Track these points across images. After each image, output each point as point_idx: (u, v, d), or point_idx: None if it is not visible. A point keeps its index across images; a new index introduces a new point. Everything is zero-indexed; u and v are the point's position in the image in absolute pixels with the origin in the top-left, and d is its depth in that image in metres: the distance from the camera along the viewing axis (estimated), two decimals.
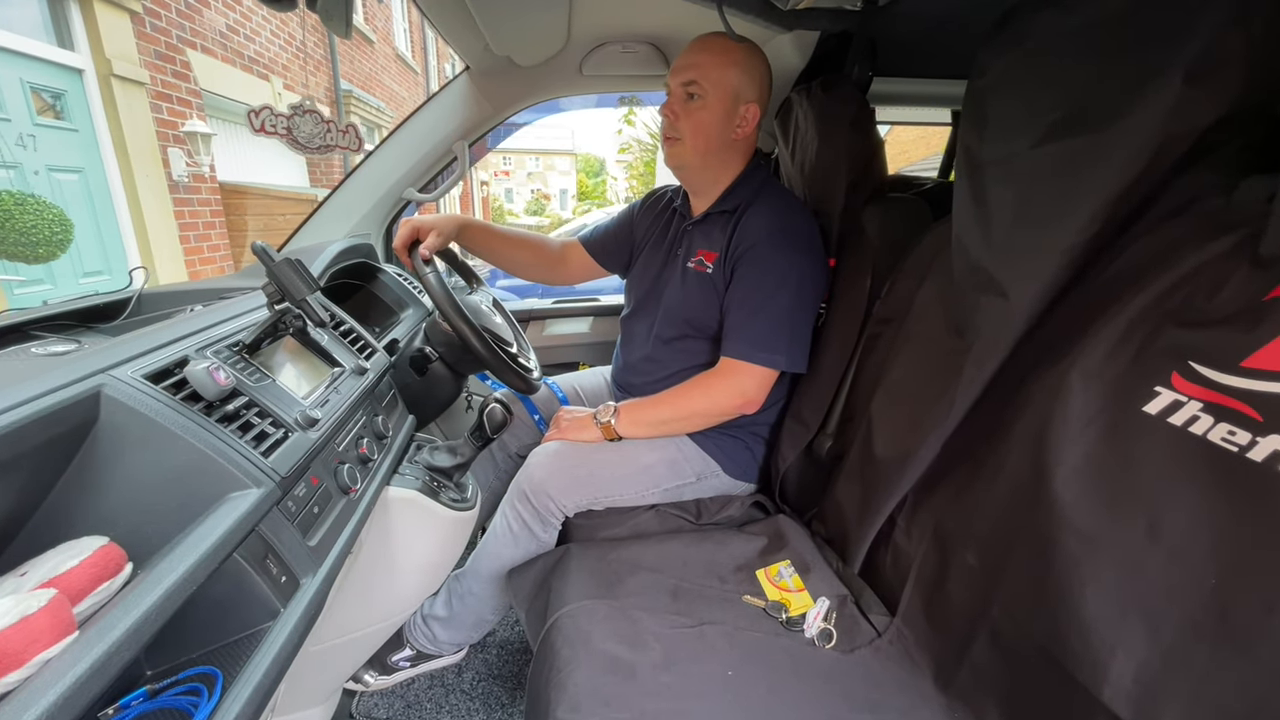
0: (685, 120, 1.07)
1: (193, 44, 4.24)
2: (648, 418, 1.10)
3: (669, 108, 1.09)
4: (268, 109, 1.03)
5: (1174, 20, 0.56)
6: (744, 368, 1.04)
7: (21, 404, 0.43)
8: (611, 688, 0.71)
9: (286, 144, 1.05)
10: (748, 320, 1.05)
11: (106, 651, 0.36)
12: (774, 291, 1.03)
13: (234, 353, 0.67)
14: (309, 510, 0.64)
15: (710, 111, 1.06)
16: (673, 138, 1.10)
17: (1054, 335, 0.68)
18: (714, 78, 1.04)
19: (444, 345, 1.15)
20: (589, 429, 1.11)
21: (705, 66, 1.04)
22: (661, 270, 1.22)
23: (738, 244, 1.07)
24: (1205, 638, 0.51)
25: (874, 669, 0.80)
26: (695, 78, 1.04)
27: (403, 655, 1.18)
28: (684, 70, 1.06)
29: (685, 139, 1.08)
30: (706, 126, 1.07)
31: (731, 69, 1.04)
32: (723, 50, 1.05)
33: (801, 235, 1.07)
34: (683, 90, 1.06)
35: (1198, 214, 0.58)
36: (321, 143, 1.08)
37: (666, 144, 1.12)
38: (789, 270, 1.04)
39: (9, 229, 2.67)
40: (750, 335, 1.04)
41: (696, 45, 1.07)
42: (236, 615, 0.54)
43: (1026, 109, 0.70)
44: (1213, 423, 0.52)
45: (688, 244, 1.17)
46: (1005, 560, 0.69)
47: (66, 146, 3.44)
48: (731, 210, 1.11)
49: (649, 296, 1.24)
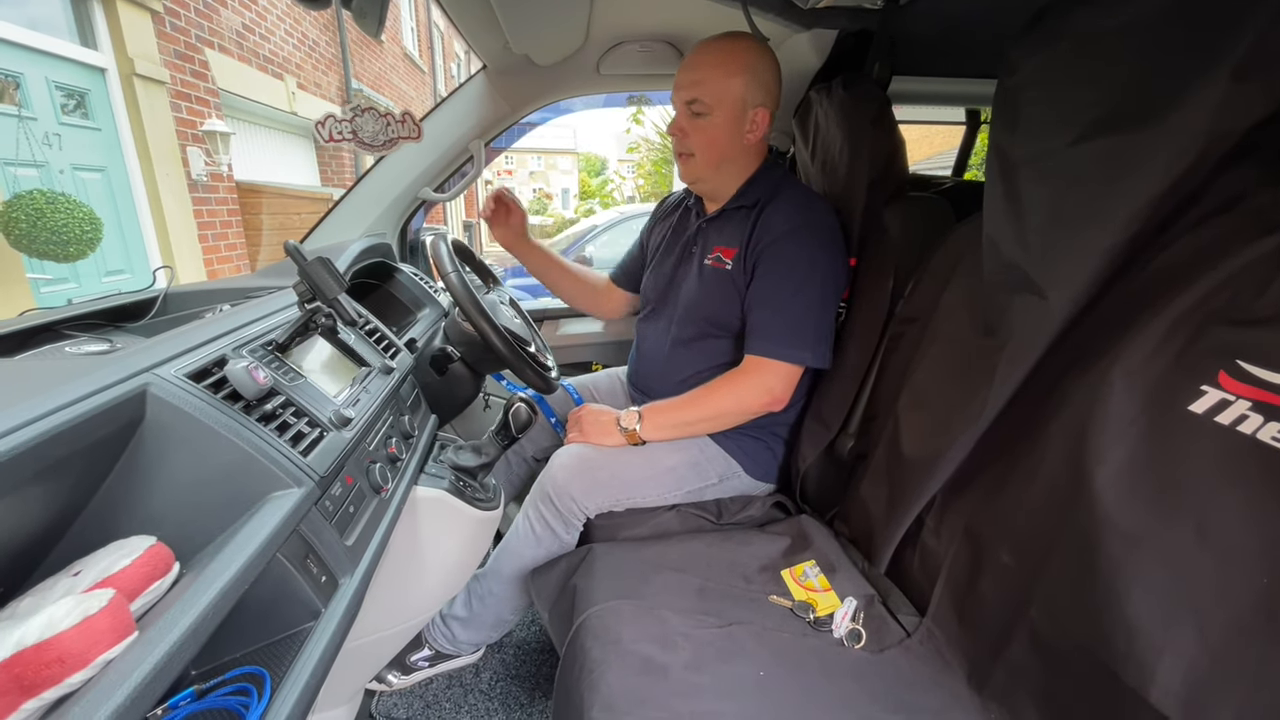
0: (694, 136, 1.07)
1: (210, 43, 4.26)
2: (673, 420, 1.09)
3: (677, 125, 1.08)
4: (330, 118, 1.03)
5: (1221, 18, 0.55)
6: (770, 365, 1.03)
7: (72, 403, 0.42)
8: (645, 688, 0.71)
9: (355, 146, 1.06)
10: (772, 317, 1.04)
11: (168, 652, 0.36)
12: (799, 288, 1.03)
13: (268, 352, 0.67)
14: (345, 510, 0.64)
15: (718, 124, 1.05)
16: (684, 154, 1.10)
17: (1092, 334, 0.67)
18: (717, 92, 1.03)
19: (464, 344, 1.15)
20: (611, 433, 1.10)
21: (706, 83, 1.03)
22: (677, 269, 1.21)
23: (759, 239, 1.06)
24: (1256, 639, 0.50)
25: (905, 669, 0.80)
26: (698, 95, 1.03)
27: (421, 655, 1.18)
28: (686, 89, 1.05)
29: (697, 154, 1.08)
30: (717, 139, 1.06)
31: (735, 78, 1.02)
32: (722, 61, 1.02)
33: (823, 229, 1.06)
34: (687, 108, 1.05)
35: (1243, 212, 0.57)
36: (385, 138, 1.08)
37: (679, 159, 1.12)
38: (812, 266, 1.03)
39: (40, 228, 2.69)
40: (775, 332, 1.03)
41: (694, 60, 1.04)
42: (278, 615, 0.54)
43: (1062, 107, 0.69)
44: (1262, 421, 0.52)
45: (704, 241, 1.16)
46: (1043, 560, 0.68)
47: (90, 145, 3.46)
48: (751, 205, 1.10)
49: (665, 297, 1.23)
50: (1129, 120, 0.62)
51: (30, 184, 2.92)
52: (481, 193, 6.94)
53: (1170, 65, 0.59)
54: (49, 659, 0.33)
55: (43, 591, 0.40)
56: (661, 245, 1.28)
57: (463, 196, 1.40)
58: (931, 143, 7.26)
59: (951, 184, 1.37)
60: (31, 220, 2.68)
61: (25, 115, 3.00)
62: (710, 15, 1.20)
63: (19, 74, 3.01)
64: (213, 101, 4.25)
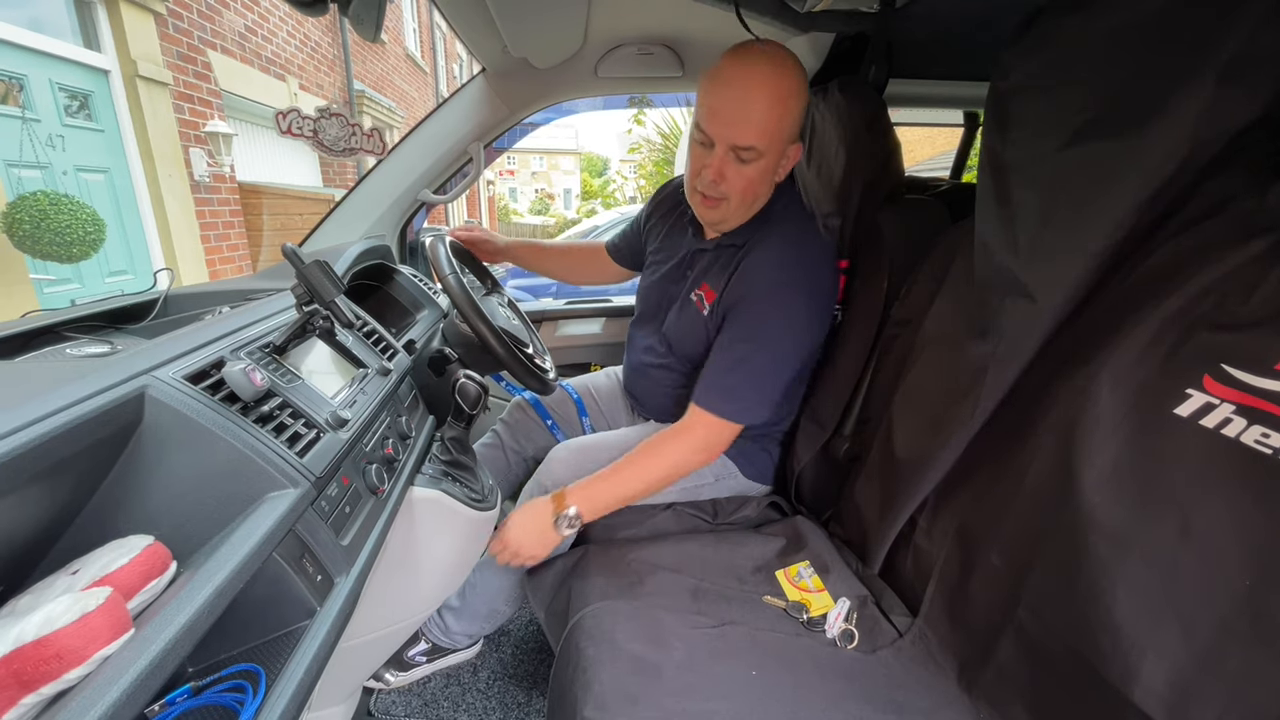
0: (735, 181, 0.94)
1: (213, 45, 4.29)
2: (614, 499, 1.00)
3: (715, 168, 0.93)
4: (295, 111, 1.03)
5: (1208, 21, 0.56)
6: (708, 419, 0.98)
7: (72, 405, 0.43)
8: (638, 687, 0.72)
9: (312, 146, 1.06)
10: (724, 372, 0.99)
11: (164, 649, 0.37)
12: (757, 348, 0.97)
13: (265, 354, 0.68)
14: (341, 510, 0.64)
15: (762, 168, 0.94)
16: (716, 198, 0.97)
17: (1081, 337, 0.68)
18: (770, 135, 0.91)
19: (462, 346, 1.16)
20: (550, 540, 0.97)
21: (765, 126, 0.89)
22: (668, 287, 1.16)
23: (734, 290, 1.00)
24: (1239, 640, 0.51)
25: (896, 669, 0.80)
26: (754, 144, 0.90)
27: (418, 650, 1.19)
28: (738, 131, 0.90)
29: (732, 199, 0.96)
30: (755, 183, 0.96)
31: (788, 116, 0.91)
32: (778, 97, 0.89)
33: (802, 286, 0.98)
34: (733, 153, 0.92)
35: (1230, 216, 0.58)
36: (346, 145, 1.08)
37: (706, 203, 0.99)
38: (778, 328, 0.97)
39: (44, 229, 2.72)
40: (723, 387, 0.98)
41: (752, 93, 0.88)
42: (275, 613, 0.54)
43: (1053, 111, 0.70)
44: (1246, 425, 0.53)
45: (695, 269, 1.11)
46: (1031, 560, 0.69)
47: (93, 147, 3.49)
48: (740, 245, 1.03)
49: (654, 312, 1.19)
50: (1117, 125, 0.63)
51: (34, 185, 2.94)
52: (483, 193, 6.94)
53: (1157, 70, 0.60)
54: (47, 655, 0.34)
55: (42, 589, 0.41)
56: (659, 249, 1.22)
57: (464, 197, 1.41)
58: (934, 143, 7.26)
59: (948, 186, 1.37)
60: (35, 221, 2.70)
61: (29, 117, 3.02)
62: (706, 18, 1.21)
63: (23, 76, 3.03)
64: (215, 103, 4.28)
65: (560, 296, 2.07)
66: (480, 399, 0.93)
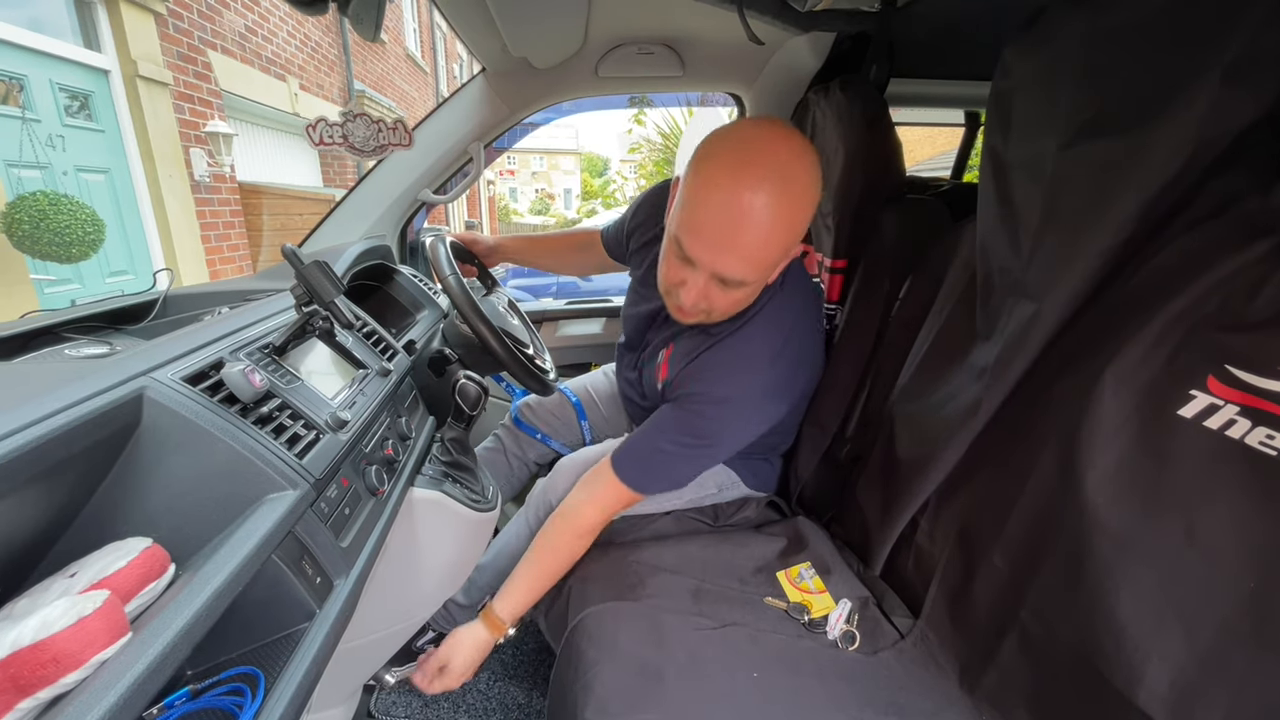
0: (718, 302, 0.82)
1: (213, 45, 4.29)
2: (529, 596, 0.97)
3: (695, 292, 0.79)
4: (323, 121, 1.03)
5: (1211, 20, 0.55)
6: (615, 482, 0.94)
7: (69, 407, 0.43)
8: (639, 689, 0.72)
9: (346, 151, 1.05)
10: (649, 448, 0.94)
11: (161, 653, 0.36)
12: (688, 446, 0.92)
13: (265, 355, 0.68)
14: (340, 511, 0.64)
15: (751, 290, 0.82)
16: (691, 313, 0.85)
17: (1084, 338, 0.68)
18: (770, 265, 0.78)
19: (462, 347, 1.15)
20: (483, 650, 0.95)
21: (759, 259, 0.75)
22: (646, 330, 1.11)
23: (686, 380, 0.93)
24: (1244, 642, 0.51)
25: (898, 671, 0.80)
26: (744, 277, 0.76)
27: (426, 639, 1.19)
28: (727, 264, 0.75)
29: (713, 314, 0.86)
30: (744, 301, 0.85)
31: (791, 236, 0.76)
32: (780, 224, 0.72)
33: (765, 384, 0.90)
34: (715, 279, 0.78)
35: (1234, 217, 0.57)
36: (376, 144, 1.08)
37: (679, 312, 0.86)
38: (716, 435, 0.92)
39: (44, 229, 2.72)
40: (641, 460, 0.94)
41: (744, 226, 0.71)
42: (274, 616, 0.54)
43: (1055, 110, 0.69)
44: (1250, 426, 0.52)
45: (668, 329, 1.04)
46: (1034, 562, 0.69)
47: (93, 147, 3.49)
48: (710, 333, 0.94)
49: (633, 346, 1.16)
50: (1120, 124, 0.63)
51: (34, 185, 2.94)
52: (483, 193, 6.93)
53: (1161, 69, 0.59)
54: (44, 659, 0.34)
55: (39, 593, 0.41)
56: (640, 280, 1.13)
57: (464, 197, 1.40)
58: (935, 143, 7.26)
59: (950, 186, 1.37)
60: (34, 221, 2.70)
61: (29, 117, 3.02)
62: (708, 18, 1.20)
63: (23, 76, 3.03)
64: (215, 103, 4.28)
65: (560, 296, 2.07)
66: (480, 400, 0.93)
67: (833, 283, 1.21)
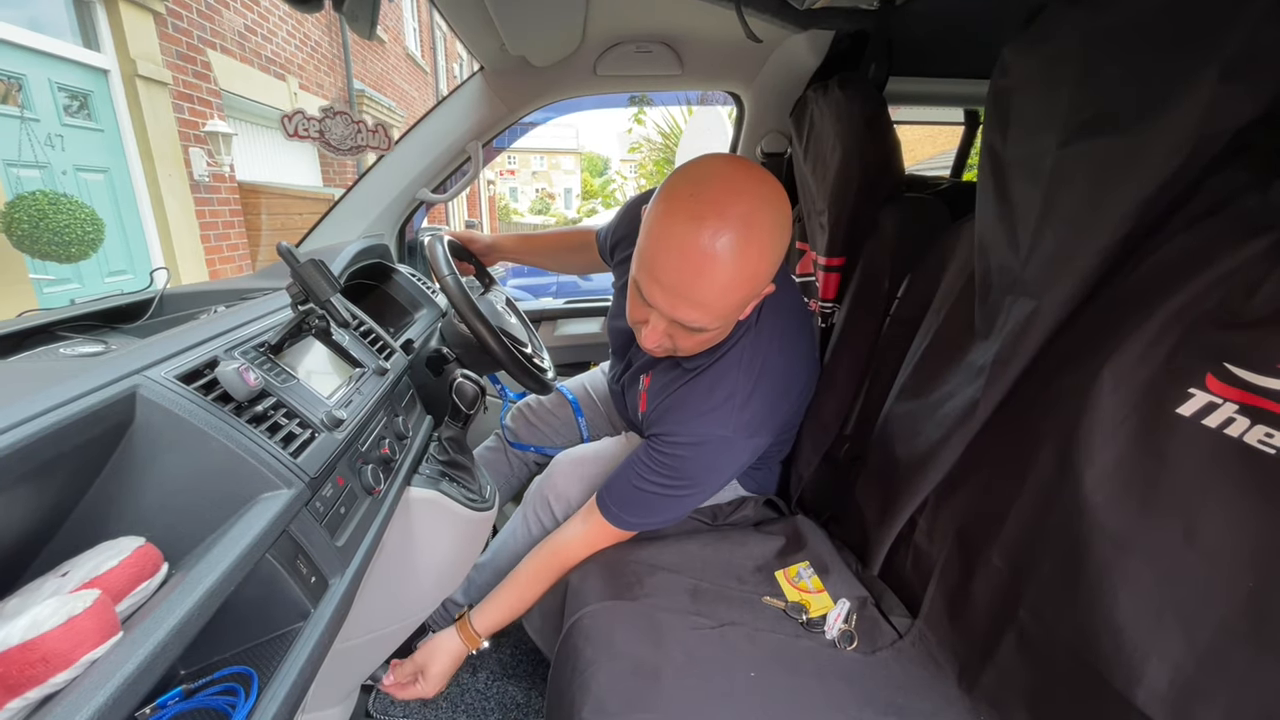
0: (683, 343, 0.80)
1: (213, 44, 4.29)
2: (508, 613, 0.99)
3: (657, 333, 0.77)
4: (300, 113, 1.02)
5: (1210, 17, 0.55)
6: (601, 521, 0.96)
7: (61, 405, 0.43)
8: (636, 689, 0.71)
9: (320, 146, 1.05)
10: (632, 488, 0.93)
11: (152, 652, 0.36)
12: (669, 487, 0.92)
13: (260, 353, 0.68)
14: (336, 511, 0.64)
15: (718, 331, 0.80)
16: (661, 351, 0.83)
17: (1082, 336, 0.67)
18: (731, 313, 0.75)
19: (460, 346, 1.15)
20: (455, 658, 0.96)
21: (720, 309, 0.72)
22: (629, 346, 1.11)
23: (657, 418, 0.93)
24: (1243, 642, 0.51)
25: (896, 671, 0.80)
26: (704, 324, 0.74)
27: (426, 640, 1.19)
28: (686, 314, 0.72)
29: (680, 352, 0.84)
30: (712, 340, 0.83)
31: (759, 284, 0.74)
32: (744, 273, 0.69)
33: (741, 422, 0.87)
34: (674, 323, 0.75)
35: (1233, 214, 0.57)
36: (353, 144, 1.07)
37: (647, 349, 0.83)
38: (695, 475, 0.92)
39: (43, 229, 2.71)
40: (626, 499, 0.94)
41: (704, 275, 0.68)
42: (268, 615, 0.54)
43: (1054, 108, 0.69)
44: (1249, 425, 0.52)
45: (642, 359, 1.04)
46: (1033, 562, 0.68)
47: (93, 146, 3.49)
48: (681, 366, 0.93)
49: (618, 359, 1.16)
50: (1118, 122, 0.62)
51: (33, 185, 2.94)
52: (483, 192, 6.93)
53: (1160, 66, 0.59)
54: (33, 659, 0.34)
55: (30, 592, 0.40)
56: (621, 289, 1.13)
57: (464, 196, 1.40)
58: (934, 142, 7.25)
59: (948, 184, 1.37)
60: (33, 221, 2.70)
61: (28, 116, 3.02)
62: (706, 16, 1.20)
63: (22, 75, 3.03)
64: (215, 102, 4.27)
65: (560, 295, 2.07)
66: (478, 399, 0.93)
67: (828, 280, 1.21)
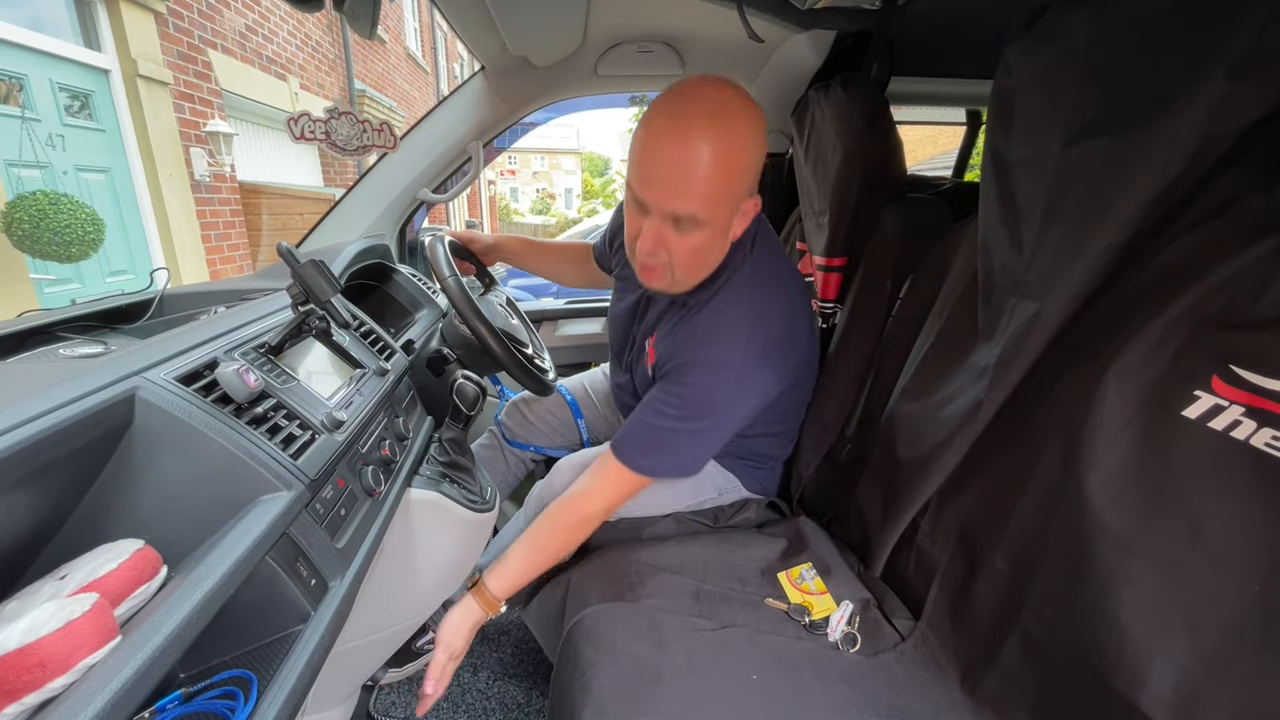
0: (676, 251, 0.82)
1: (213, 44, 4.29)
2: (524, 575, 0.95)
3: (652, 236, 0.80)
4: (305, 115, 1.02)
5: (1216, 17, 0.55)
6: (619, 470, 0.93)
7: (59, 407, 0.43)
8: (637, 691, 0.71)
9: (326, 147, 1.04)
10: (646, 427, 0.92)
11: (151, 656, 0.36)
12: (684, 418, 0.90)
13: (260, 354, 0.67)
14: (336, 512, 0.64)
15: (707, 237, 0.81)
16: (655, 266, 0.85)
17: (1086, 337, 0.67)
18: (717, 201, 0.78)
19: (460, 347, 1.15)
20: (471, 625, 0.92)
21: (706, 194, 0.76)
22: (631, 325, 1.10)
23: (671, 354, 0.93)
24: (1249, 645, 0.50)
25: (898, 673, 0.79)
26: (694, 212, 0.77)
27: (426, 640, 1.18)
28: (674, 199, 0.77)
29: (675, 269, 0.84)
30: (702, 251, 0.83)
31: (737, 176, 0.78)
32: (723, 158, 0.75)
33: (748, 352, 0.87)
34: (668, 221, 0.79)
35: (1238, 215, 0.57)
36: (359, 144, 1.07)
37: (645, 272, 0.87)
38: (709, 402, 0.89)
39: (43, 229, 2.71)
40: (641, 442, 0.92)
41: (688, 161, 0.74)
42: (267, 618, 0.54)
43: (1058, 108, 0.69)
44: (1256, 427, 0.52)
45: (650, 315, 1.04)
46: (1036, 564, 0.68)
47: (93, 146, 3.48)
48: (687, 305, 0.94)
49: (620, 348, 1.15)
50: (1124, 122, 0.62)
51: (34, 185, 2.94)
52: (484, 192, 6.93)
53: (1165, 66, 0.59)
54: (30, 664, 0.33)
55: (28, 596, 0.40)
56: (622, 276, 1.14)
57: (465, 196, 1.40)
58: (936, 142, 7.24)
59: (951, 185, 1.36)
60: (34, 221, 2.69)
61: (29, 116, 3.01)
62: (707, 16, 1.20)
63: (23, 75, 3.03)
64: (216, 102, 4.27)
65: (560, 296, 2.07)
66: (478, 400, 0.92)
67: (828, 281, 1.20)
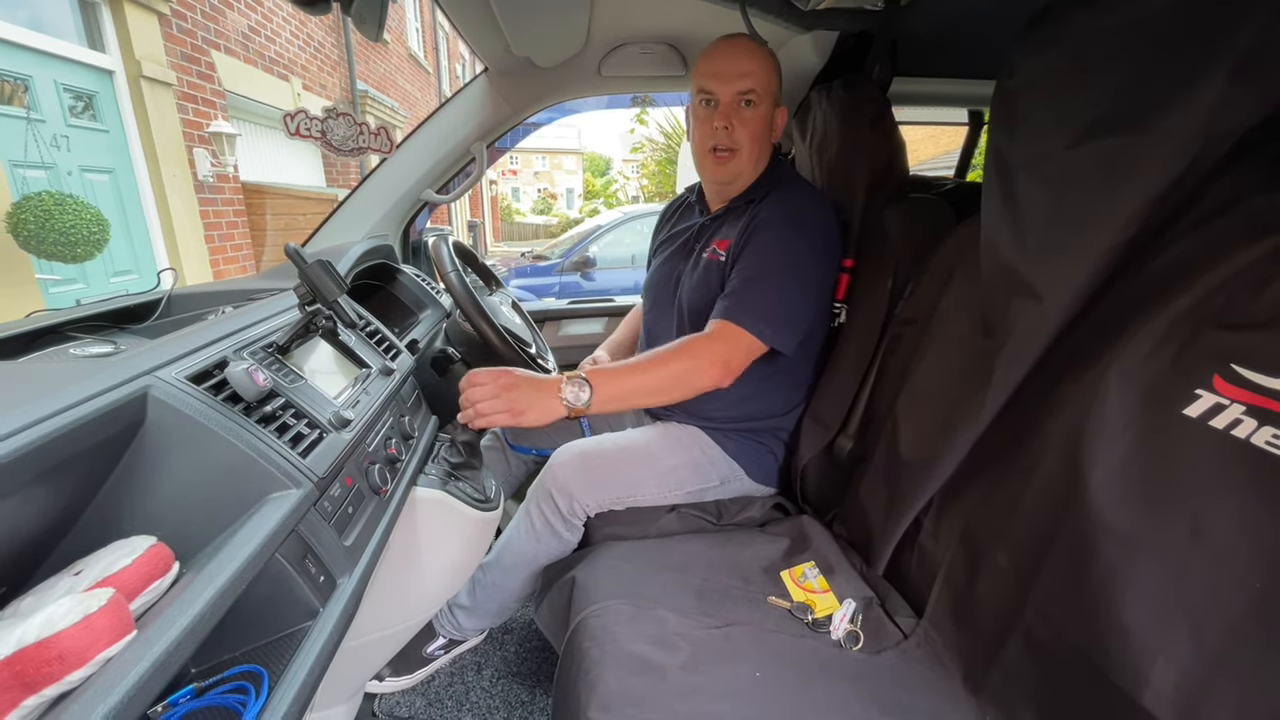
0: (742, 130, 1.05)
1: (217, 45, 4.30)
2: (626, 390, 0.94)
3: (724, 118, 1.05)
4: (302, 113, 1.03)
5: (1218, 18, 0.55)
6: (731, 332, 0.97)
7: (74, 405, 0.43)
8: (641, 688, 0.71)
9: (321, 146, 1.05)
10: (743, 287, 1.01)
11: (165, 651, 0.37)
12: (776, 269, 1.01)
13: (268, 354, 0.68)
14: (344, 510, 0.64)
15: (763, 116, 1.06)
16: (729, 149, 1.07)
17: (1089, 336, 0.67)
18: (764, 83, 1.04)
19: (465, 346, 1.15)
20: (554, 410, 0.89)
21: (757, 74, 1.03)
22: (679, 263, 1.20)
23: (750, 226, 1.06)
24: (1251, 643, 0.50)
25: (901, 671, 0.80)
26: (753, 86, 1.03)
27: (436, 645, 1.19)
28: (738, 79, 1.03)
29: (743, 149, 1.06)
30: (760, 134, 1.07)
31: (773, 73, 1.06)
32: (763, 55, 1.05)
33: (809, 224, 1.06)
34: (738, 99, 1.04)
35: (1240, 214, 0.57)
36: (354, 145, 1.08)
37: (717, 158, 1.08)
38: (789, 256, 1.02)
39: (49, 229, 2.72)
40: (744, 301, 0.99)
41: (740, 51, 1.04)
42: (277, 614, 0.54)
43: (1061, 109, 0.69)
44: (1256, 426, 0.52)
45: (706, 238, 1.16)
46: (1039, 562, 0.68)
47: (98, 147, 3.49)
48: (750, 200, 1.11)
49: (667, 291, 1.21)
50: (1126, 122, 0.62)
51: (39, 185, 2.95)
52: (485, 193, 6.93)
53: (1168, 67, 0.59)
54: (49, 656, 0.34)
55: (44, 590, 0.41)
56: (665, 240, 1.28)
57: (467, 196, 1.41)
58: (938, 142, 7.24)
59: (953, 185, 1.37)
60: (40, 221, 2.71)
61: (34, 117, 3.03)
62: (709, 17, 1.20)
63: (28, 76, 3.04)
64: (219, 103, 4.29)
65: (563, 296, 2.07)
66: None
67: (837, 281, 1.21)
